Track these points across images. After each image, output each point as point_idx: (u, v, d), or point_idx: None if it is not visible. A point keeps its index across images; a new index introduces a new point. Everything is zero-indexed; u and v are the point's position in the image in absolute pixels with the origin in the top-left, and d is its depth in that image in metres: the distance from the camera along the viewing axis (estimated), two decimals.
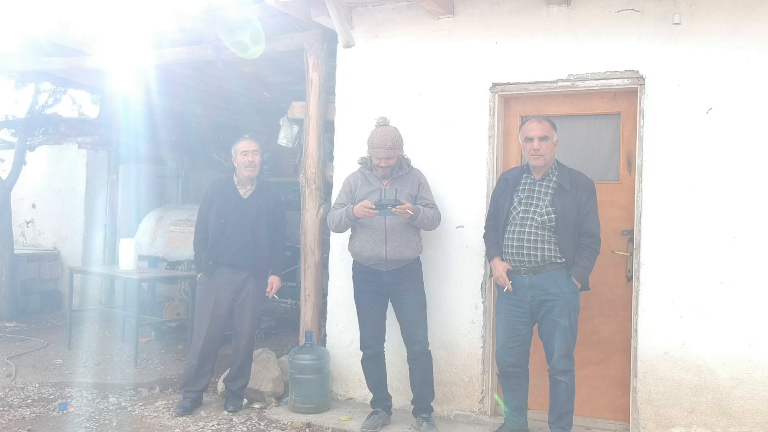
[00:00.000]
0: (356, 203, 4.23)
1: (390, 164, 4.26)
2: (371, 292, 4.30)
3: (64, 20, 5.36)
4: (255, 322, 4.82)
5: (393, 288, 4.27)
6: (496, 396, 4.44)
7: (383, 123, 4.30)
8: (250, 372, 4.80)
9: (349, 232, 4.41)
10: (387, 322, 4.37)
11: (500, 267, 3.96)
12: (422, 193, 4.32)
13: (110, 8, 5.03)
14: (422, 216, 4.17)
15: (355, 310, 4.43)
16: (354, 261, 4.39)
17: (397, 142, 4.24)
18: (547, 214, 3.83)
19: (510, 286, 3.91)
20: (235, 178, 4.74)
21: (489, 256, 4.12)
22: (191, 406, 4.62)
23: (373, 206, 4.07)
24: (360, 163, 4.45)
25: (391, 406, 4.48)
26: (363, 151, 4.72)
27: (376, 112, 4.74)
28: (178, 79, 6.71)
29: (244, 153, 4.65)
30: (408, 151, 4.41)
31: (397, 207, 4.05)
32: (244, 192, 4.72)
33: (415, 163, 4.43)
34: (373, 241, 4.22)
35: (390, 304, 4.35)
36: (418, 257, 4.37)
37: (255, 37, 5.09)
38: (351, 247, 4.37)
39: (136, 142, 8.54)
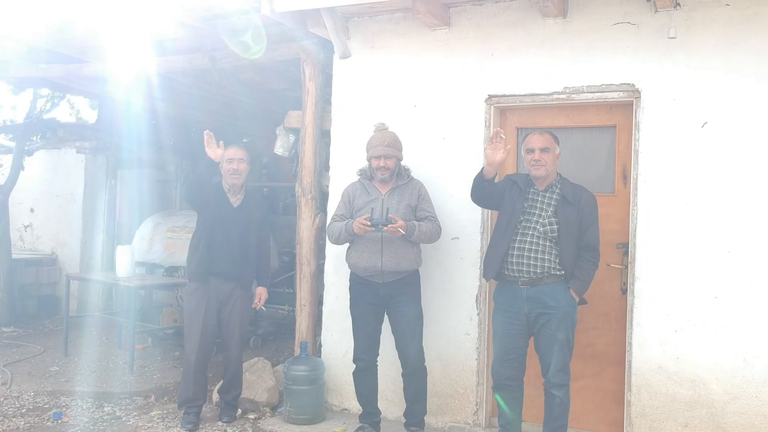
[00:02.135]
0: (354, 213, 4.22)
1: (388, 165, 4.22)
2: (366, 305, 4.27)
3: (63, 27, 5.36)
4: (243, 332, 4.82)
5: (389, 300, 4.23)
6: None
7: (382, 128, 4.30)
8: (242, 382, 4.79)
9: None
10: (382, 335, 4.35)
11: None
12: (422, 204, 4.27)
13: (109, 16, 5.02)
14: (418, 232, 4.12)
15: (350, 321, 4.42)
16: (351, 272, 4.37)
17: (395, 142, 4.24)
18: (550, 224, 3.81)
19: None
20: (225, 185, 4.67)
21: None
22: (197, 419, 4.59)
23: (369, 223, 4.04)
24: (359, 174, 4.43)
25: (379, 422, 4.44)
26: (360, 161, 4.70)
27: (373, 123, 4.75)
28: (178, 85, 6.70)
29: (230, 161, 4.58)
30: (404, 162, 4.40)
31: (389, 226, 4.02)
32: (235, 200, 4.66)
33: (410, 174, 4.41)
34: (369, 252, 4.19)
35: (386, 317, 4.33)
36: (417, 270, 4.33)
37: (257, 38, 5.06)
38: (347, 258, 4.34)
39: (135, 146, 8.53)
